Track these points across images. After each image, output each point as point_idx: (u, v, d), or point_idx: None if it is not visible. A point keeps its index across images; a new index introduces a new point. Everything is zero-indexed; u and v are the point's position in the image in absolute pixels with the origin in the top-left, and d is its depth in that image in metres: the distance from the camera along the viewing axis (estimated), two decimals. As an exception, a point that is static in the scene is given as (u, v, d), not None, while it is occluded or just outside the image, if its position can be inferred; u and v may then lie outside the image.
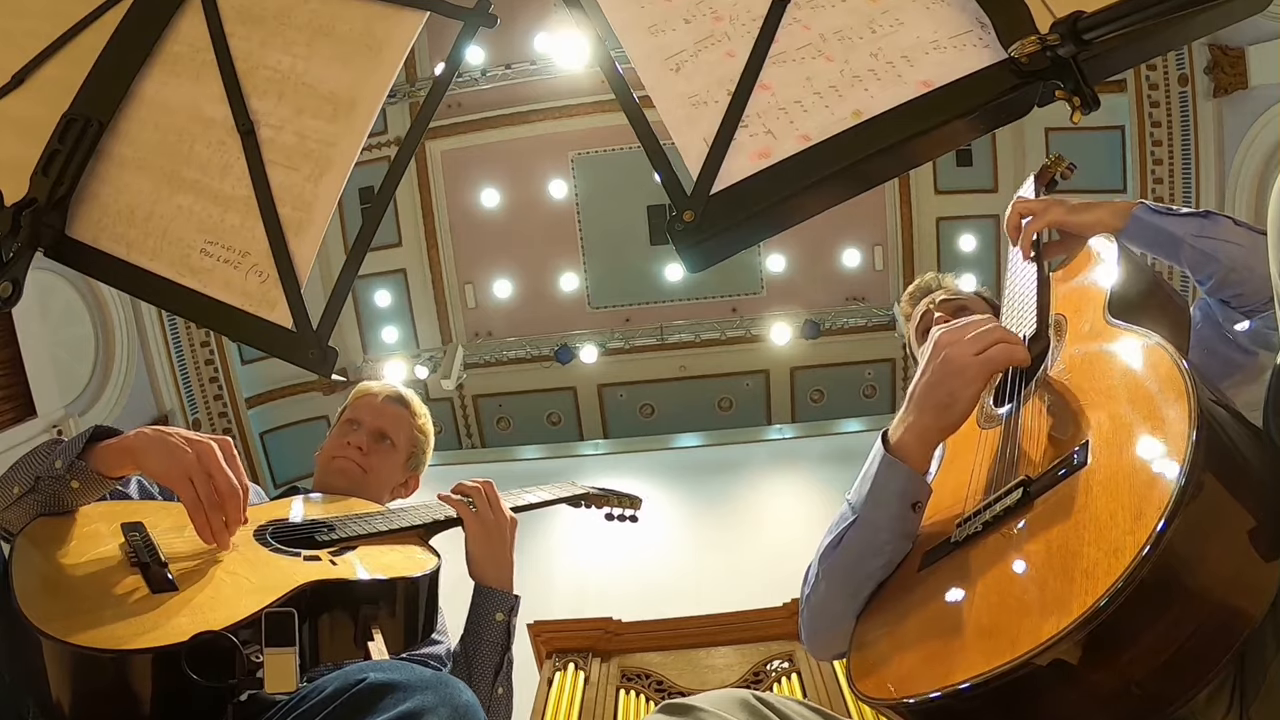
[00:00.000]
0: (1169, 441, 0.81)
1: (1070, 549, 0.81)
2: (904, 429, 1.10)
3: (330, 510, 1.57)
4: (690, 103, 1.07)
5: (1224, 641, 0.76)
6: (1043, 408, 1.05)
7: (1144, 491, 0.79)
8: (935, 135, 1.03)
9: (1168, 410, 0.84)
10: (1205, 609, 0.76)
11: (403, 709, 0.95)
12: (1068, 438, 0.96)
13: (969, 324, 1.11)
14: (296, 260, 1.10)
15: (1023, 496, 0.93)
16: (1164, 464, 0.79)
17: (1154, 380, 0.90)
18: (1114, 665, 0.75)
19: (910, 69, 1.03)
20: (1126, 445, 0.86)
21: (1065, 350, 1.12)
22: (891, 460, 1.08)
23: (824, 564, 1.14)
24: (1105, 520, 0.80)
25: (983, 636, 0.83)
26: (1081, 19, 0.93)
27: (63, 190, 1.14)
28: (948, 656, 0.85)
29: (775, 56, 1.07)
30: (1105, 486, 0.84)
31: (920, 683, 0.86)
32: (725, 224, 1.01)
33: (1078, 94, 0.95)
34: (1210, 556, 0.76)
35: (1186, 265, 1.41)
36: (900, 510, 1.08)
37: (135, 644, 1.02)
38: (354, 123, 1.16)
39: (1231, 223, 1.41)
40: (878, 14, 1.08)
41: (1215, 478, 0.77)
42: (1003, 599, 0.85)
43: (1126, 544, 0.75)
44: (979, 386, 1.07)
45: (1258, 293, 1.34)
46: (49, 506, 1.22)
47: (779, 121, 1.04)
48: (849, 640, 1.09)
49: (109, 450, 1.24)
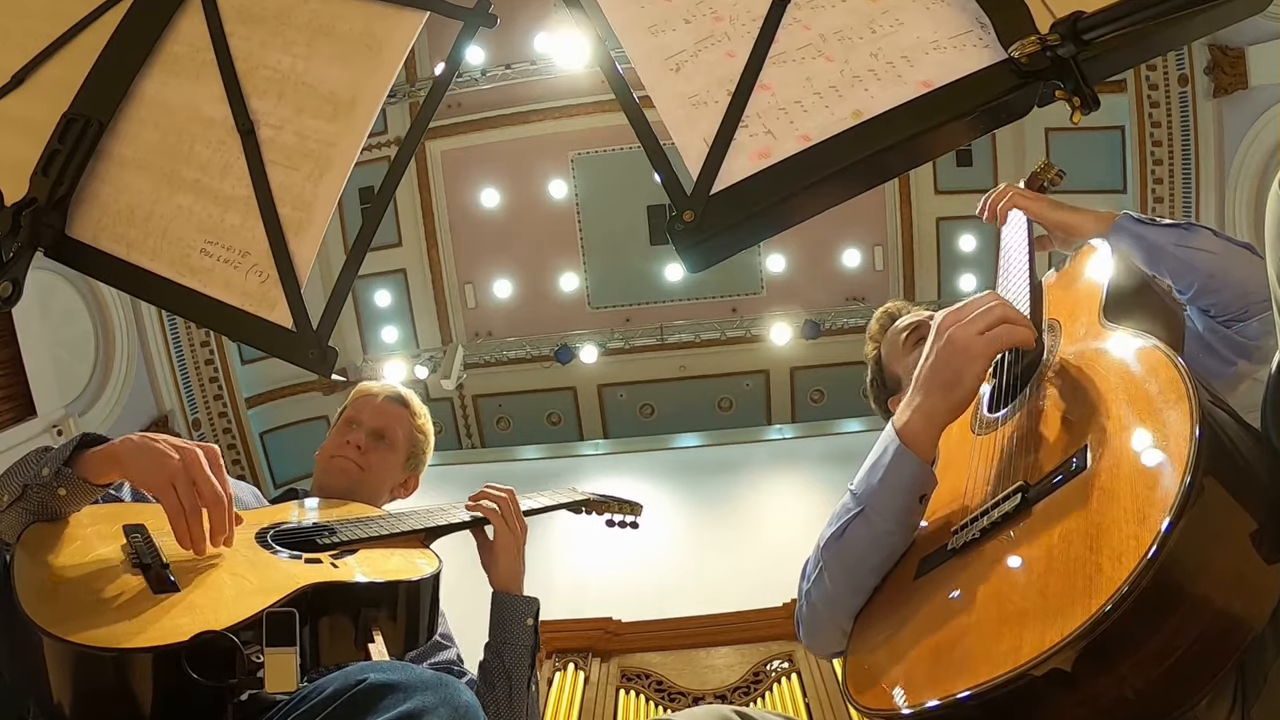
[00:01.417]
0: (1171, 444, 0.80)
1: (1072, 555, 0.80)
2: (911, 411, 1.09)
3: (331, 514, 1.57)
4: (690, 103, 1.07)
5: (1228, 647, 0.75)
6: (1038, 412, 1.05)
7: (1146, 495, 0.78)
8: (935, 135, 1.03)
9: (1168, 413, 0.84)
10: (1209, 613, 0.75)
11: (403, 709, 0.95)
12: (1065, 442, 0.95)
13: (971, 303, 1.11)
14: (296, 260, 1.10)
15: (1021, 503, 0.92)
16: (1166, 467, 0.79)
17: (1153, 382, 0.90)
18: (1117, 673, 0.74)
19: (910, 69, 1.03)
20: (1127, 449, 0.85)
21: (1060, 354, 1.11)
22: (904, 450, 1.07)
23: (826, 556, 1.13)
24: (1107, 525, 0.79)
25: (983, 645, 0.82)
26: (1081, 19, 0.93)
27: (63, 190, 1.14)
28: (948, 666, 0.84)
29: (775, 56, 1.07)
30: (1106, 491, 0.83)
31: (920, 693, 0.85)
32: (725, 224, 1.01)
33: (1078, 94, 0.95)
34: (1214, 560, 0.76)
35: (1167, 274, 1.43)
36: (908, 502, 1.07)
37: (136, 643, 1.02)
38: (354, 123, 1.16)
39: (1211, 233, 1.44)
40: (878, 14, 1.08)
41: (1217, 480, 0.77)
42: (1003, 607, 0.84)
43: (1130, 549, 0.75)
44: (984, 364, 1.06)
45: (1235, 300, 1.37)
46: (39, 514, 1.22)
47: (779, 121, 1.04)
48: (847, 640, 1.09)
49: (95, 457, 1.23)
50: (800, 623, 1.20)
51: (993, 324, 1.07)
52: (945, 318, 1.11)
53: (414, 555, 1.43)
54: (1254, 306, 1.36)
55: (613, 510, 1.91)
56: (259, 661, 1.03)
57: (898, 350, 1.71)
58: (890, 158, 1.04)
